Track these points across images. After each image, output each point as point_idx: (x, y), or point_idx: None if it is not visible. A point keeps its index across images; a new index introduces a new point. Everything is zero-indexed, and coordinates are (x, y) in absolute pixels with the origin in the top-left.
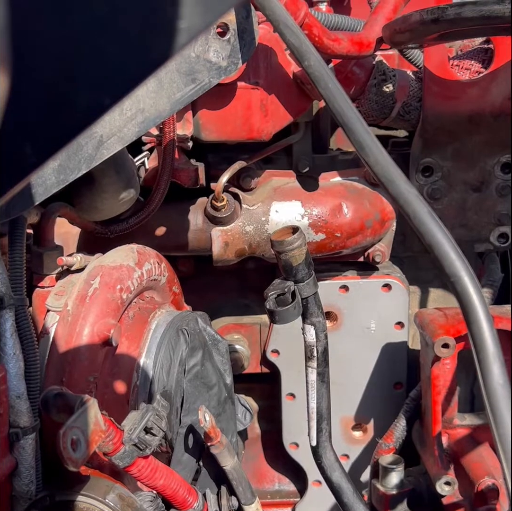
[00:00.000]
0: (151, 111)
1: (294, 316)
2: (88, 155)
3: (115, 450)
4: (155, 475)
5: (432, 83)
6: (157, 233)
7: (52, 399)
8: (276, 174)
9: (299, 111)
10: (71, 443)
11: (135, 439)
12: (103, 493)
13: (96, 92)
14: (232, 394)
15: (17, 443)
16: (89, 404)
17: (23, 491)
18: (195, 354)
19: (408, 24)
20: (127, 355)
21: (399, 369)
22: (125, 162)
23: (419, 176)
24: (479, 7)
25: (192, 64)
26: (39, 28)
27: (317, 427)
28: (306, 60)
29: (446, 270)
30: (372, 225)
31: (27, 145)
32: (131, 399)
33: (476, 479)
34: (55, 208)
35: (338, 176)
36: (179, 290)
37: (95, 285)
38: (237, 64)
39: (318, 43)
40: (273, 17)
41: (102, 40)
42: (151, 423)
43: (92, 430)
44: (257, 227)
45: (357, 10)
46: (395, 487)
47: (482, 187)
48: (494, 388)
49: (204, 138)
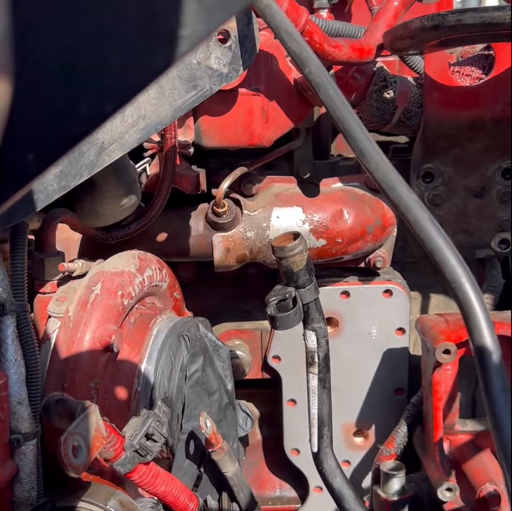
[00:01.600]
0: (153, 117)
1: (295, 322)
2: (89, 161)
3: (116, 456)
4: (156, 481)
5: (433, 89)
6: (158, 239)
7: (53, 405)
8: (277, 180)
9: (300, 117)
10: (72, 449)
11: (136, 445)
12: (104, 500)
13: (98, 99)
14: (233, 400)
15: (18, 449)
16: (90, 410)
17: (24, 497)
18: (196, 360)
19: (409, 30)
20: (128, 361)
21: (400, 375)
22: (126, 168)
23: (420, 182)
24: (480, 13)
25: (193, 71)
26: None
27: (318, 433)
28: (307, 67)
29: (447, 277)
30: (373, 231)
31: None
32: (132, 405)
33: (477, 485)
34: (57, 214)
35: (339, 182)
36: (180, 296)
37: (97, 291)
38: (238, 70)
39: (319, 50)
40: (274, 24)
41: (104, 48)
42: (152, 429)
43: (93, 436)
44: (258, 233)
45: (358, 17)
46: (396, 493)
47: (483, 193)
48: (495, 394)
49: (205, 144)
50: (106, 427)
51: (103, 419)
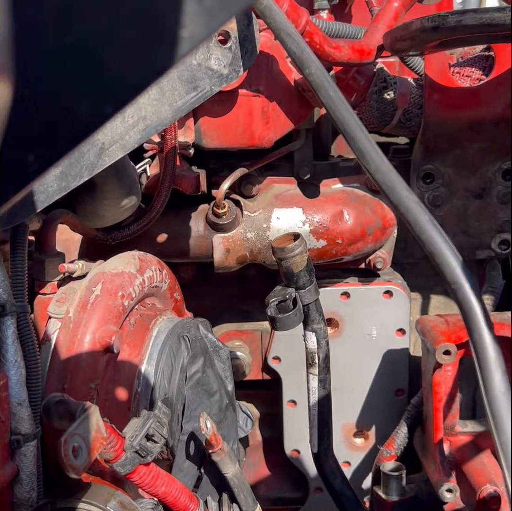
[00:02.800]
0: (153, 118)
1: (295, 323)
2: (90, 162)
3: (117, 457)
4: (156, 482)
5: (433, 90)
6: (158, 240)
7: (53, 406)
8: (277, 181)
9: (300, 118)
10: (73, 450)
11: (136, 446)
12: (104, 500)
13: (98, 101)
14: (233, 401)
15: (19, 450)
16: (90, 411)
17: (24, 498)
18: (196, 361)
19: (409, 31)
20: (128, 362)
21: (401, 375)
22: (126, 169)
23: (420, 183)
24: (480, 14)
25: (193, 72)
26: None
27: (319, 434)
28: (307, 68)
29: (447, 277)
30: (373, 232)
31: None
32: (132, 406)
33: (478, 486)
34: (57, 215)
35: (339, 183)
36: (180, 296)
37: (97, 291)
38: (238, 71)
39: (319, 51)
40: (274, 25)
41: (103, 49)
42: (152, 430)
43: (94, 437)
44: (258, 234)
45: (358, 18)
46: (396, 494)
47: (483, 194)
48: (495, 395)
49: (205, 145)
50: (106, 428)
51: (104, 420)
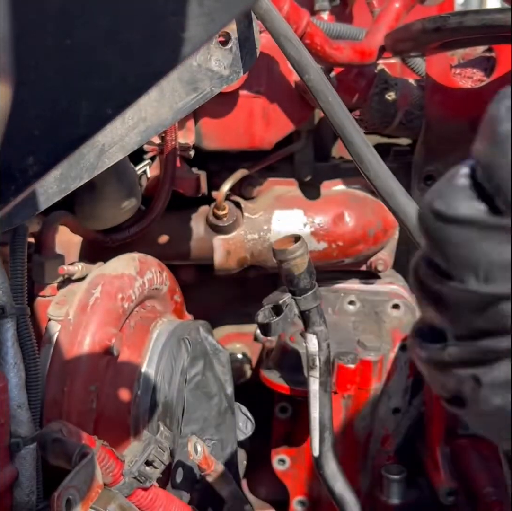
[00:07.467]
0: (153, 120)
1: (278, 332)
2: (90, 164)
3: (115, 481)
4: (154, 504)
5: (434, 92)
6: (158, 242)
7: (50, 444)
8: (278, 182)
9: (301, 119)
10: (66, 502)
11: (135, 472)
12: (104, 504)
13: (99, 102)
14: (232, 404)
15: (18, 453)
16: (87, 459)
17: (24, 501)
18: (196, 364)
19: (410, 32)
20: (128, 365)
21: None
22: (126, 171)
23: (422, 184)
24: (481, 16)
25: (194, 73)
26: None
27: (320, 437)
28: (306, 73)
29: None
30: (375, 234)
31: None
32: (132, 408)
33: (479, 489)
34: (57, 216)
35: (340, 184)
36: (180, 299)
37: (96, 294)
38: (239, 73)
39: (320, 52)
40: (273, 30)
41: (105, 51)
42: (152, 456)
43: (89, 487)
44: (259, 236)
45: (359, 19)
46: (397, 497)
47: None
48: None
49: (205, 147)
50: (106, 452)
51: (103, 444)
